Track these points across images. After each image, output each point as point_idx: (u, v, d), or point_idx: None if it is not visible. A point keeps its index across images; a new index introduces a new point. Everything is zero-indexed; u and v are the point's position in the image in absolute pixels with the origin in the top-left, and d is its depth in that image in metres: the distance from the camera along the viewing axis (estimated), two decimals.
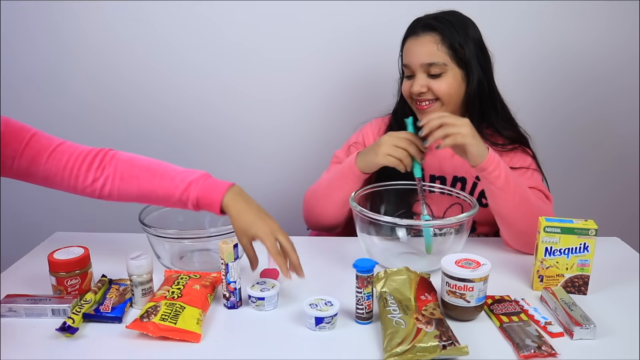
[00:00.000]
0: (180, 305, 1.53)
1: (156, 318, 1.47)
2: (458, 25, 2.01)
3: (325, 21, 2.72)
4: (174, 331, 1.46)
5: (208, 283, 1.67)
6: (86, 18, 2.70)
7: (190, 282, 1.65)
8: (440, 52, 1.99)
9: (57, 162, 1.71)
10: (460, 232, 1.82)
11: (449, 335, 1.40)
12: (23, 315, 1.57)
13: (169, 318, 1.47)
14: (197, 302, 1.56)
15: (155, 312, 1.49)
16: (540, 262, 1.69)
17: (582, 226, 1.65)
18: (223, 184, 1.70)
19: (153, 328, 1.45)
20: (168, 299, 1.55)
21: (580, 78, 2.81)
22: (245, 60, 2.77)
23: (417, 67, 2.02)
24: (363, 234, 1.88)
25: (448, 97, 2.02)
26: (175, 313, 1.49)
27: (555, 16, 2.70)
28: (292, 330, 1.53)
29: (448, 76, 2.01)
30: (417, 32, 2.04)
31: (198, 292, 1.61)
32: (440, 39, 1.99)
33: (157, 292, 1.61)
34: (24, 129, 1.72)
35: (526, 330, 1.47)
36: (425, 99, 2.04)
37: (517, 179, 1.87)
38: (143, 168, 1.74)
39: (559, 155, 2.91)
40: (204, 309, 1.57)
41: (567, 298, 1.60)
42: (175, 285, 1.62)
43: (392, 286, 1.60)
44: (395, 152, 1.90)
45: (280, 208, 2.86)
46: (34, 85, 2.79)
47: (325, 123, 2.87)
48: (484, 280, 1.52)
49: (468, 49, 2.01)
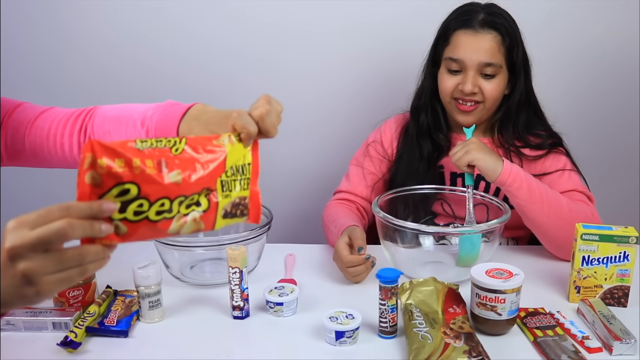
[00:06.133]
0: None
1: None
2: (514, 27, 2.03)
3: (339, 14, 2.71)
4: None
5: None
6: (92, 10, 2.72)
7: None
8: (499, 54, 2.00)
9: (39, 131, 1.56)
10: (491, 239, 1.81)
11: (479, 351, 1.40)
12: (22, 329, 1.58)
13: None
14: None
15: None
16: (577, 272, 1.68)
17: (622, 233, 1.64)
18: (181, 107, 1.41)
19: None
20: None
21: (618, 73, 2.80)
22: (260, 58, 2.77)
23: (473, 65, 2.00)
24: (387, 242, 1.87)
25: (494, 100, 2.04)
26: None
27: (592, 8, 2.69)
28: (310, 345, 1.53)
29: (499, 79, 2.02)
30: (476, 27, 2.01)
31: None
32: (501, 39, 2.00)
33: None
34: (9, 102, 1.60)
35: (562, 346, 1.47)
36: (471, 100, 2.03)
37: (543, 187, 1.87)
38: (113, 120, 1.51)
39: (596, 156, 2.88)
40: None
41: (605, 311, 1.59)
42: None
43: (418, 298, 1.60)
44: (357, 280, 1.85)
45: (295, 213, 2.87)
46: (32, 76, 2.81)
47: (343, 122, 2.87)
48: (516, 291, 1.51)
49: (519, 54, 2.03)
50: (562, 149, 2.10)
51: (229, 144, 1.15)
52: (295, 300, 1.66)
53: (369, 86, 2.81)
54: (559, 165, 2.06)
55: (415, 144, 2.15)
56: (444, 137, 2.15)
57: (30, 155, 1.59)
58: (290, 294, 1.65)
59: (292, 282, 1.76)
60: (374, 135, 2.29)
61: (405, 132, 2.21)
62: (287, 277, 1.85)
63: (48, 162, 1.60)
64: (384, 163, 2.22)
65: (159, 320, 1.64)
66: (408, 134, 2.19)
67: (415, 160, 2.14)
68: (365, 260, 1.80)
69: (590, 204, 1.99)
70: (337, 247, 1.83)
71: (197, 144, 1.12)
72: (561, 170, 2.04)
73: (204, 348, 1.53)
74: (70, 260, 1.00)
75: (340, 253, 1.80)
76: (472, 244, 1.86)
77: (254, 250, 1.85)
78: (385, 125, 2.29)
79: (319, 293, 1.76)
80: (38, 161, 1.61)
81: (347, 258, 1.79)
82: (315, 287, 1.82)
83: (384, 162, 2.22)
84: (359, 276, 1.82)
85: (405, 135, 2.20)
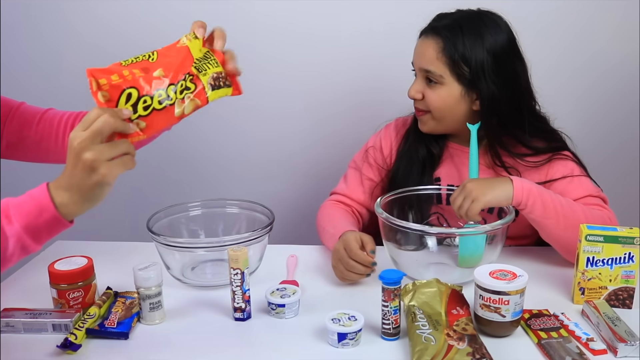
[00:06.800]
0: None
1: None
2: (469, 35, 1.94)
3: (340, 18, 2.72)
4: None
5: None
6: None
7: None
8: (439, 62, 1.95)
9: (49, 122, 1.86)
10: (495, 240, 1.80)
11: (483, 353, 1.40)
12: (21, 330, 1.58)
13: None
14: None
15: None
16: (582, 273, 1.68)
17: (626, 234, 1.63)
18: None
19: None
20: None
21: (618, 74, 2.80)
22: (258, 61, 2.77)
23: (417, 70, 2.02)
24: (389, 243, 1.87)
25: (439, 111, 2.00)
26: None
27: (596, 11, 2.69)
28: (312, 347, 1.53)
29: (443, 90, 1.97)
30: (427, 32, 2.01)
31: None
32: (442, 47, 1.95)
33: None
34: (12, 101, 1.85)
35: (566, 347, 1.46)
36: (418, 108, 2.04)
37: (557, 198, 1.83)
38: None
39: (601, 159, 2.87)
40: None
41: (610, 312, 1.59)
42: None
43: (421, 299, 1.60)
44: (350, 277, 1.84)
45: (297, 214, 2.87)
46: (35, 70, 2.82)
47: (343, 124, 2.87)
48: (520, 292, 1.51)
49: (475, 65, 1.93)
50: (568, 154, 2.05)
51: (188, 41, 1.43)
52: (297, 301, 1.66)
53: (372, 87, 2.82)
54: (565, 171, 2.00)
55: (413, 148, 2.14)
56: (439, 145, 2.13)
57: (34, 143, 1.84)
58: (292, 296, 1.65)
59: (294, 284, 1.76)
60: (374, 139, 2.27)
61: (407, 136, 2.19)
62: (289, 279, 1.85)
63: (46, 153, 1.86)
64: (382, 171, 2.21)
65: (159, 322, 1.64)
66: (408, 138, 2.18)
67: (413, 164, 2.12)
68: (371, 265, 1.79)
69: (606, 207, 1.96)
70: (348, 239, 1.81)
71: (165, 50, 1.43)
72: (569, 177, 1.99)
73: (205, 350, 1.53)
74: (119, 146, 1.30)
75: (350, 244, 1.79)
76: (475, 245, 1.85)
77: (256, 251, 1.85)
78: (385, 130, 2.27)
79: (321, 294, 1.76)
80: (39, 151, 1.86)
81: (357, 251, 1.77)
82: (318, 288, 1.81)
83: (382, 170, 2.21)
84: (352, 275, 1.80)
85: (406, 140, 2.18)
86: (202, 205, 2.02)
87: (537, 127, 2.04)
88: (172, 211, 1.96)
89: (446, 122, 2.03)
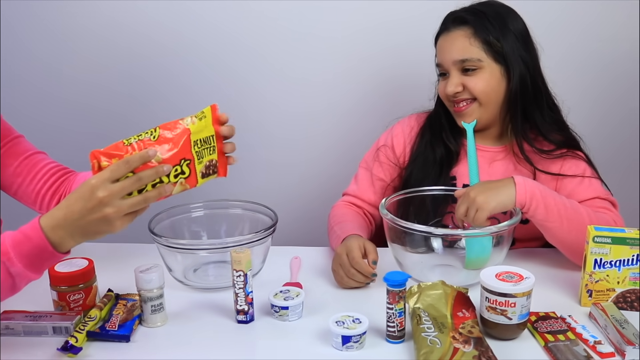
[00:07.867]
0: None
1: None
2: (494, 17, 1.98)
3: (351, 15, 2.72)
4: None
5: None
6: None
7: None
8: (473, 47, 1.97)
9: (28, 168, 1.90)
10: (502, 242, 1.80)
11: (489, 356, 1.39)
12: (21, 333, 1.57)
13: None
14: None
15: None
16: (589, 275, 1.67)
17: (634, 236, 1.63)
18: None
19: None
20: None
21: (619, 72, 2.80)
22: (263, 61, 2.79)
23: (450, 65, 2.01)
24: (394, 245, 1.86)
25: (485, 95, 2.00)
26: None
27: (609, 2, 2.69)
28: (316, 350, 1.53)
29: (484, 73, 1.98)
30: (449, 27, 2.03)
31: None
32: (473, 32, 1.97)
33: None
34: (12, 129, 1.92)
35: (573, 350, 1.46)
36: (461, 99, 2.02)
37: (560, 200, 1.82)
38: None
39: (611, 159, 2.87)
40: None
41: (618, 315, 1.58)
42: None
43: (427, 302, 1.59)
44: (350, 284, 1.84)
45: (301, 215, 2.87)
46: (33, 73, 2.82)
47: (351, 122, 2.87)
48: (527, 295, 1.50)
49: (506, 42, 1.97)
50: (582, 154, 2.06)
51: (191, 124, 1.47)
52: (300, 304, 1.65)
53: (380, 85, 2.82)
54: (577, 170, 2.01)
55: (429, 148, 2.13)
56: (455, 143, 2.13)
57: (10, 176, 1.89)
58: (295, 298, 1.65)
59: (297, 286, 1.76)
60: (385, 137, 2.26)
61: (422, 134, 2.19)
62: (293, 281, 1.84)
63: (16, 190, 1.92)
64: (394, 169, 2.20)
65: (161, 324, 1.64)
66: (424, 137, 2.17)
67: (428, 165, 2.12)
68: (371, 276, 1.79)
69: (613, 209, 1.96)
70: (351, 246, 1.81)
71: (168, 128, 1.46)
72: (580, 178, 2.00)
73: (208, 353, 1.53)
74: (138, 205, 1.38)
75: (353, 252, 1.79)
76: (482, 247, 1.85)
77: (259, 253, 1.84)
78: (397, 126, 2.26)
79: (325, 297, 1.76)
80: (9, 187, 1.91)
81: (359, 260, 1.78)
82: (322, 290, 1.81)
83: (395, 168, 2.20)
84: (350, 281, 1.81)
85: (422, 138, 2.18)
86: (205, 207, 2.02)
87: (552, 117, 2.06)
88: (174, 212, 1.96)
89: (491, 107, 2.03)
